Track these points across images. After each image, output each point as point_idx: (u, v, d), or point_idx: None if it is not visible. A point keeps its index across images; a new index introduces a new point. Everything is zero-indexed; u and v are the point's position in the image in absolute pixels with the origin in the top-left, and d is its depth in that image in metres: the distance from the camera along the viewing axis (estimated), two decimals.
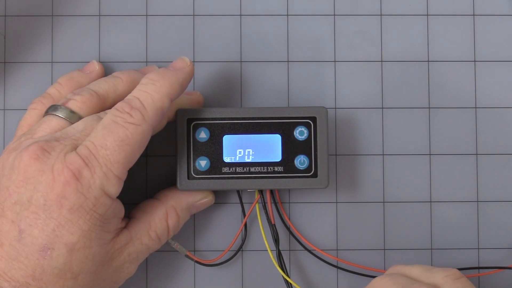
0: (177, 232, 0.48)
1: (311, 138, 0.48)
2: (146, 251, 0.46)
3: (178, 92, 0.45)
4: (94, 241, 0.41)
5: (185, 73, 0.46)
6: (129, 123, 0.42)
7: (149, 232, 0.46)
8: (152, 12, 0.52)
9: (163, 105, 0.44)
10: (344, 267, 0.51)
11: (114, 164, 0.41)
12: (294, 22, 0.53)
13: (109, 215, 0.42)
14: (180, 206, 0.48)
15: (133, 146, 0.42)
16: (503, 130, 0.53)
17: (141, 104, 0.43)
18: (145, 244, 0.46)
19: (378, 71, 0.53)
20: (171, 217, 0.47)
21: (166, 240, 0.47)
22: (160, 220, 0.47)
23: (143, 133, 0.43)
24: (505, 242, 0.52)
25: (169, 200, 0.48)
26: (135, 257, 0.45)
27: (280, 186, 0.48)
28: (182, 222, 0.48)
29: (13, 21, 0.52)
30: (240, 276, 0.51)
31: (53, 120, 0.44)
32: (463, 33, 0.53)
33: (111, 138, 0.42)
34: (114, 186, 0.42)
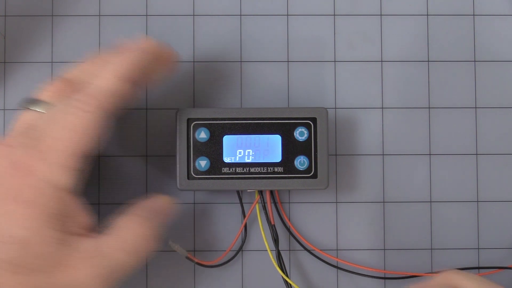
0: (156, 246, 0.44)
1: (311, 139, 0.48)
2: (118, 269, 0.42)
3: (131, 70, 0.43)
4: (44, 237, 0.40)
5: (140, 50, 0.44)
6: (77, 110, 0.41)
7: (123, 246, 0.42)
8: (152, 12, 0.52)
9: (113, 87, 0.42)
10: (344, 267, 0.51)
11: (61, 152, 0.40)
12: (294, 22, 0.53)
13: (63, 210, 0.40)
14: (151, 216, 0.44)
15: (82, 133, 0.41)
16: (503, 130, 0.53)
17: (92, 89, 0.42)
18: (116, 259, 0.42)
19: (378, 71, 0.53)
20: (138, 224, 0.43)
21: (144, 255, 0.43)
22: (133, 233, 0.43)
23: (94, 119, 0.41)
24: (505, 242, 0.52)
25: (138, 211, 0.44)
26: (104, 274, 0.41)
27: (280, 186, 0.48)
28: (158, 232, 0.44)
29: (13, 21, 0.52)
30: (240, 276, 0.51)
31: (27, 114, 0.44)
32: (463, 33, 0.53)
33: (59, 126, 0.41)
34: (63, 175, 0.40)
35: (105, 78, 0.42)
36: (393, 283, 0.51)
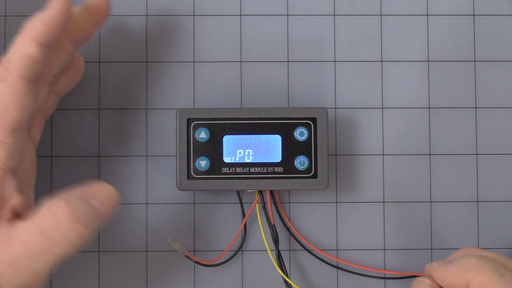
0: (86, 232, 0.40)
1: (311, 139, 0.48)
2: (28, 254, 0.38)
3: (46, 32, 0.41)
4: None
5: (52, 9, 0.42)
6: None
7: (30, 227, 0.39)
8: (153, 12, 0.52)
9: (28, 51, 0.41)
10: (344, 267, 0.51)
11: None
12: (294, 22, 0.53)
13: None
14: (71, 197, 0.40)
15: (5, 104, 0.40)
16: (503, 130, 0.53)
17: (8, 57, 0.41)
18: (23, 241, 0.38)
19: (378, 71, 0.53)
20: (59, 206, 0.39)
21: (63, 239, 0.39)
22: (44, 213, 0.39)
23: (11, 87, 0.40)
24: (505, 242, 0.52)
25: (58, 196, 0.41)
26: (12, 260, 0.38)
27: (280, 186, 0.48)
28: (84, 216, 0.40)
29: (13, 21, 0.52)
30: (240, 276, 0.51)
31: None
32: (463, 33, 0.53)
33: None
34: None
35: (19, 44, 0.41)
36: (393, 283, 0.51)
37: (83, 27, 0.46)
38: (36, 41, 0.41)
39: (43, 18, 0.42)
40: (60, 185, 0.51)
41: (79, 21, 0.45)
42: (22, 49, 0.41)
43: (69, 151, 0.51)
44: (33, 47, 0.41)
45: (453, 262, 0.43)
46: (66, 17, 0.42)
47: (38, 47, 0.41)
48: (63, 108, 0.51)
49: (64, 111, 0.51)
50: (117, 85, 0.52)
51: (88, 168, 0.51)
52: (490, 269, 0.41)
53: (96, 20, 0.47)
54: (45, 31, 0.41)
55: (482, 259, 0.42)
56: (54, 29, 0.42)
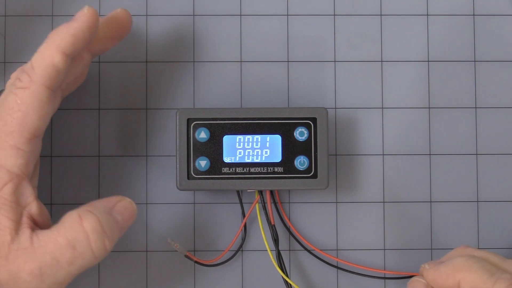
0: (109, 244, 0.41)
1: (311, 139, 0.48)
2: (54, 264, 0.39)
3: (72, 43, 0.41)
4: None
5: (80, 22, 0.42)
6: (18, 88, 0.40)
7: (57, 238, 0.39)
8: (152, 12, 0.52)
9: (53, 61, 0.41)
10: (344, 267, 0.51)
11: (8, 134, 0.40)
12: (294, 22, 0.53)
13: (7, 194, 0.39)
14: (97, 209, 0.41)
15: (26, 112, 0.40)
16: (503, 130, 0.53)
17: (31, 65, 0.41)
18: (50, 252, 0.39)
19: (378, 71, 0.53)
20: (87, 218, 0.40)
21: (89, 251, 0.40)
22: (71, 224, 0.40)
23: (34, 95, 0.40)
24: (505, 242, 0.52)
25: (83, 206, 0.41)
26: (36, 270, 0.39)
27: (280, 186, 0.48)
28: (110, 230, 0.41)
29: (13, 21, 0.52)
30: (240, 276, 0.51)
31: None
32: (463, 33, 0.53)
33: (4, 108, 0.40)
34: (11, 157, 0.40)
35: (43, 53, 0.41)
36: (393, 283, 0.51)
37: (104, 39, 0.46)
38: (62, 52, 0.41)
39: (71, 30, 0.42)
40: (60, 185, 0.51)
41: (100, 33, 0.46)
42: (48, 59, 0.41)
43: (69, 151, 0.51)
44: (58, 58, 0.41)
45: (444, 262, 0.43)
46: (93, 31, 0.43)
47: (63, 57, 0.41)
48: (63, 108, 0.51)
49: (64, 111, 0.51)
50: (117, 85, 0.52)
51: (88, 168, 0.51)
52: (480, 268, 0.41)
53: (116, 34, 0.47)
54: (71, 43, 0.41)
55: (472, 258, 0.42)
56: (80, 41, 0.42)
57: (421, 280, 0.44)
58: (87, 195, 0.51)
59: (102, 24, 0.46)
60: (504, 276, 0.40)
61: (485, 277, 0.40)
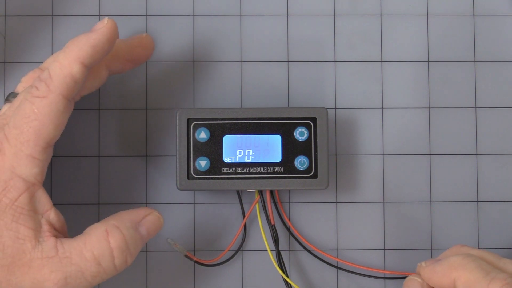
0: (130, 261, 0.42)
1: (311, 139, 0.48)
2: (79, 276, 0.40)
3: (91, 54, 0.41)
4: (3, 230, 0.39)
5: (100, 33, 0.42)
6: (35, 97, 0.40)
7: (83, 251, 0.40)
8: (152, 12, 0.52)
9: (72, 71, 0.40)
10: (344, 267, 0.51)
11: (24, 143, 0.40)
12: (294, 22, 0.53)
13: (23, 203, 0.40)
14: (124, 225, 0.42)
15: (42, 121, 0.40)
16: (503, 130, 0.53)
17: (49, 74, 0.40)
18: (76, 264, 0.40)
19: (378, 71, 0.53)
20: (113, 235, 0.41)
21: (111, 267, 0.41)
22: (98, 239, 0.40)
23: (51, 104, 0.40)
24: (505, 242, 0.52)
25: (110, 220, 0.42)
26: (62, 280, 0.39)
27: (280, 186, 0.48)
28: (133, 246, 0.42)
29: (13, 21, 0.52)
30: (240, 276, 0.51)
31: (5, 107, 0.44)
32: (463, 33, 0.53)
33: (19, 116, 0.40)
34: (27, 166, 0.40)
35: (62, 63, 0.41)
36: (393, 283, 0.51)
37: (124, 60, 0.47)
38: (80, 63, 0.41)
39: (91, 41, 0.42)
40: (60, 185, 0.51)
41: (121, 53, 0.46)
42: (66, 69, 0.41)
43: (69, 151, 0.51)
44: (77, 68, 0.41)
45: (440, 261, 0.43)
46: (111, 43, 0.43)
47: (81, 68, 0.41)
48: None
49: None
50: (117, 85, 0.52)
51: (88, 168, 0.51)
52: (475, 267, 0.41)
53: (137, 58, 0.48)
54: (90, 54, 0.41)
55: (468, 257, 0.42)
56: (99, 53, 0.42)
57: (417, 278, 0.44)
58: (87, 195, 0.51)
59: (125, 45, 0.47)
60: (499, 275, 0.40)
61: (480, 276, 0.40)
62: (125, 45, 0.47)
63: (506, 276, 0.40)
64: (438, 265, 0.43)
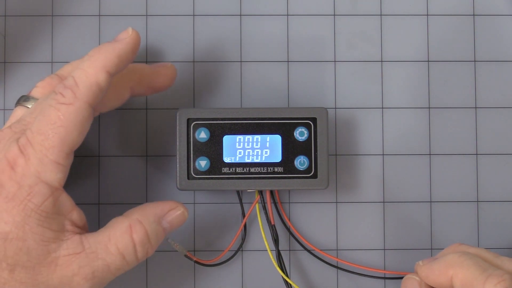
0: (151, 253, 0.43)
1: (311, 139, 0.48)
2: (105, 269, 0.41)
3: (116, 64, 0.42)
4: (28, 234, 0.39)
5: (125, 43, 0.43)
6: (61, 104, 0.40)
7: (108, 246, 0.41)
8: (152, 12, 0.52)
9: (97, 79, 0.41)
10: (344, 267, 0.51)
11: (49, 149, 0.40)
12: (294, 22, 0.53)
13: (48, 208, 0.40)
14: (147, 219, 0.43)
15: (68, 128, 0.40)
16: (503, 130, 0.53)
17: (74, 81, 0.41)
18: (102, 259, 0.41)
19: (378, 71, 0.53)
20: (136, 230, 0.42)
21: (134, 259, 0.42)
22: (122, 234, 0.42)
23: (77, 112, 0.40)
24: (505, 242, 0.52)
25: (134, 214, 0.43)
26: (90, 274, 0.41)
27: (280, 186, 0.48)
28: (155, 239, 0.43)
29: (13, 21, 0.52)
30: (240, 276, 0.51)
31: (19, 110, 0.44)
32: (463, 33, 0.53)
33: (45, 122, 0.40)
34: (52, 172, 0.40)
35: (88, 71, 0.41)
36: (393, 283, 0.51)
37: (146, 87, 0.48)
38: (106, 72, 0.42)
39: (117, 51, 0.42)
40: None
41: (146, 79, 0.47)
42: (92, 77, 0.41)
43: None
44: (102, 77, 0.41)
45: (437, 259, 0.43)
46: (135, 53, 0.44)
47: (107, 77, 0.42)
48: None
49: None
50: None
51: (88, 168, 0.51)
52: (472, 264, 0.41)
53: (159, 86, 0.48)
54: (116, 64, 0.42)
55: (465, 255, 0.42)
56: (124, 62, 0.43)
57: (415, 277, 0.44)
58: (87, 195, 0.51)
59: (151, 72, 0.48)
60: (496, 272, 0.40)
61: (477, 273, 0.40)
62: (151, 72, 0.48)
63: (503, 272, 0.40)
64: (435, 263, 0.43)
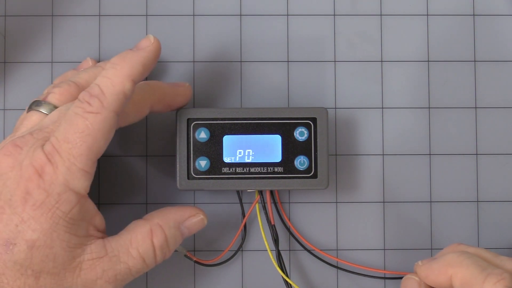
0: (167, 255, 0.44)
1: (311, 139, 0.48)
2: (126, 272, 0.42)
3: (141, 72, 0.43)
4: (55, 241, 0.40)
5: (148, 52, 0.44)
6: (88, 113, 0.41)
7: (129, 249, 0.42)
8: (152, 12, 0.52)
9: (124, 88, 0.42)
10: (344, 267, 0.51)
11: (77, 157, 0.40)
12: (294, 22, 0.53)
13: (75, 215, 0.41)
14: (167, 224, 0.44)
15: (95, 136, 0.41)
16: (503, 130, 0.53)
17: (100, 90, 0.41)
18: (124, 262, 0.42)
19: (378, 71, 0.53)
20: (156, 235, 0.43)
21: (153, 262, 0.43)
22: (143, 238, 0.43)
23: (104, 120, 0.41)
24: (505, 242, 0.52)
25: (155, 218, 0.44)
26: (112, 277, 0.42)
27: (280, 186, 0.48)
28: (173, 244, 0.44)
29: (13, 21, 0.52)
30: (240, 276, 0.51)
31: (34, 115, 0.44)
32: (463, 33, 0.53)
33: (72, 130, 0.40)
34: (80, 180, 0.41)
35: (113, 80, 0.42)
36: (393, 283, 0.51)
37: (166, 104, 0.48)
38: (132, 80, 0.42)
39: (141, 59, 0.43)
40: None
41: (166, 98, 0.48)
42: (119, 86, 0.42)
43: None
44: (128, 85, 0.42)
45: (436, 259, 0.43)
46: (157, 60, 0.44)
47: (132, 85, 0.42)
48: None
49: None
50: None
51: None
52: (471, 263, 0.41)
53: (176, 105, 0.48)
54: (141, 72, 0.43)
55: (464, 254, 0.42)
56: (147, 70, 0.44)
57: (414, 277, 0.44)
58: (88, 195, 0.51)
59: (172, 91, 0.48)
60: (495, 271, 0.40)
61: (476, 273, 0.40)
62: (171, 91, 0.48)
63: (502, 271, 0.40)
64: (434, 263, 0.43)
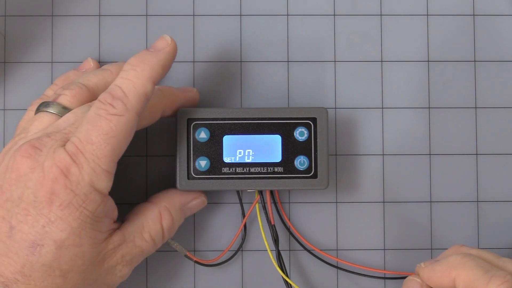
0: (172, 235, 0.47)
1: (311, 139, 0.48)
2: (140, 254, 0.45)
3: (160, 74, 0.44)
4: (84, 239, 0.41)
5: (166, 53, 0.44)
6: (112, 115, 0.41)
7: (142, 234, 0.45)
8: (152, 12, 0.52)
9: (145, 90, 0.42)
10: (344, 267, 0.51)
11: (101, 158, 0.41)
12: (294, 22, 0.53)
13: (100, 213, 0.41)
14: (173, 207, 0.47)
15: (119, 138, 0.41)
16: (503, 130, 0.53)
17: (123, 92, 0.42)
18: (139, 246, 0.44)
19: (378, 71, 0.53)
20: (165, 218, 0.46)
21: (161, 243, 0.46)
22: (153, 222, 0.46)
23: (128, 122, 0.42)
24: (505, 242, 0.52)
25: (162, 201, 0.47)
26: (129, 260, 0.44)
27: (280, 186, 0.48)
28: (177, 224, 0.47)
29: (13, 21, 0.52)
30: (240, 276, 0.51)
31: (45, 117, 0.44)
32: (463, 33, 0.53)
33: (96, 132, 0.41)
34: (104, 180, 0.41)
35: (135, 82, 0.42)
36: (393, 283, 0.51)
37: (176, 108, 0.48)
38: (152, 82, 0.43)
39: (161, 61, 0.44)
40: None
41: (178, 103, 0.48)
42: (141, 88, 0.42)
43: None
44: (150, 87, 0.43)
45: (439, 261, 0.43)
46: (173, 61, 0.45)
47: (153, 87, 0.43)
48: None
49: None
50: None
51: None
52: (475, 265, 0.41)
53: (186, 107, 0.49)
54: (160, 73, 0.44)
55: (467, 256, 0.42)
56: (166, 71, 0.44)
57: (417, 279, 0.44)
58: None
59: (183, 96, 0.49)
60: (498, 273, 0.40)
61: (479, 274, 0.40)
62: (182, 97, 0.49)
63: (505, 273, 0.40)
64: (437, 265, 0.43)
